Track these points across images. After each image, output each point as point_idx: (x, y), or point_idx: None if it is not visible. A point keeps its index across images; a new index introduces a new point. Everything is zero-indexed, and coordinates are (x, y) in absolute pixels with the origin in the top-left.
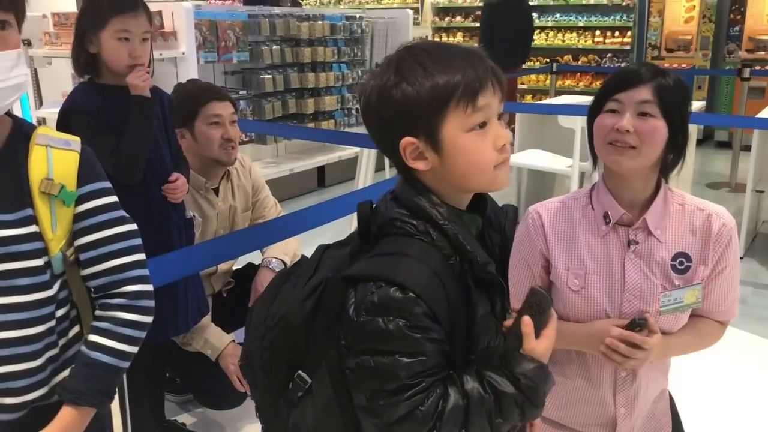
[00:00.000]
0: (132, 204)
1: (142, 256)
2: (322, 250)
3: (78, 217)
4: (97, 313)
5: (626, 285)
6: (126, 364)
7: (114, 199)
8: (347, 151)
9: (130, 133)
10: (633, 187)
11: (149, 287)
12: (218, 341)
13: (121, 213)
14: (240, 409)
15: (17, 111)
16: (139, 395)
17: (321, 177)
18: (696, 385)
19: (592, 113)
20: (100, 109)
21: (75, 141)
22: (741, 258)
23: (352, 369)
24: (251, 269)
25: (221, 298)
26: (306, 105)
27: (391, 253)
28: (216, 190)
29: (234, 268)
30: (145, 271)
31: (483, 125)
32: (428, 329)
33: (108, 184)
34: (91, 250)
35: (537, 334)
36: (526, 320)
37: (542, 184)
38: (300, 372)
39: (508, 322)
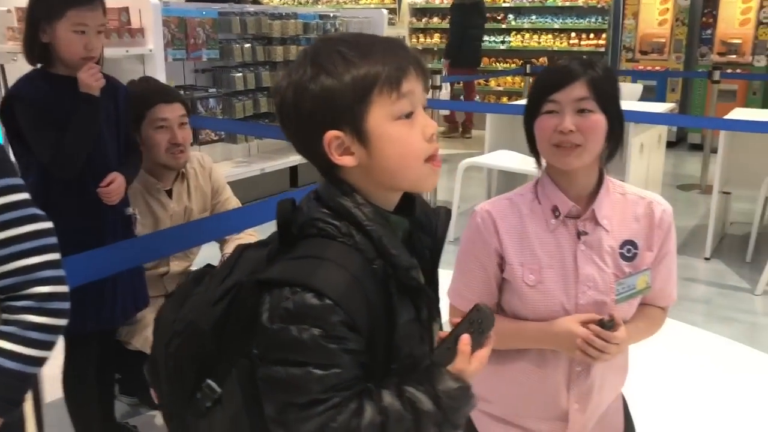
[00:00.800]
0: (66, 198)
1: (55, 256)
2: (241, 249)
3: None
4: (4, 316)
5: (580, 276)
6: (35, 370)
7: (25, 196)
8: None
9: (73, 129)
10: (579, 182)
11: (63, 288)
12: None
13: (33, 211)
14: None
15: None
16: (87, 397)
17: (294, 177)
18: (659, 386)
19: (529, 115)
20: (47, 99)
21: None
22: (707, 259)
23: (263, 379)
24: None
25: None
26: None
27: (310, 256)
28: (169, 192)
29: (192, 269)
30: (58, 272)
31: (409, 115)
32: (345, 339)
33: (19, 181)
34: None
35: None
36: (465, 339)
37: (512, 184)
38: (209, 381)
39: (443, 333)
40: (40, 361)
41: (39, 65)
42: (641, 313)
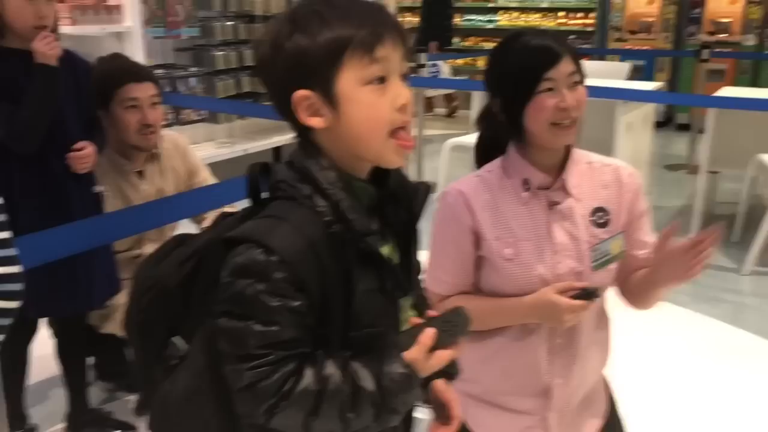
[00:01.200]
0: (27, 175)
1: (5, 234)
2: (222, 217)
3: None
4: None
5: (556, 246)
6: None
7: None
8: None
9: (30, 102)
10: (551, 154)
11: (15, 268)
12: None
13: None
14: None
15: None
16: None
17: (277, 158)
18: (644, 366)
19: (520, 99)
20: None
21: None
22: None
23: (213, 331)
24: None
25: None
26: (260, 83)
27: (271, 216)
28: (141, 173)
29: None
30: (9, 251)
31: (382, 80)
32: (288, 298)
33: None
34: None
35: (431, 350)
36: (430, 332)
37: None
38: (174, 339)
39: (416, 320)
40: None
41: None
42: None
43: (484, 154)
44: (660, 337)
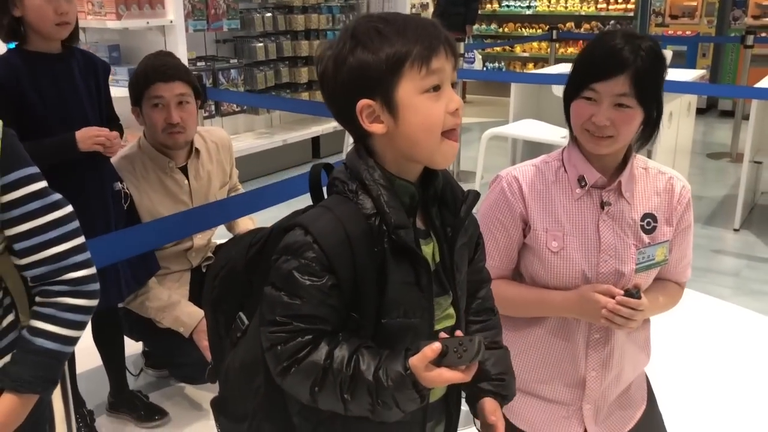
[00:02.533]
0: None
1: (80, 240)
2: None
3: (6, 207)
4: (39, 299)
5: (602, 245)
6: (71, 349)
7: (43, 184)
8: None
9: (40, 150)
10: (606, 157)
11: (92, 270)
12: (189, 318)
13: (54, 198)
14: (215, 386)
15: None
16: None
17: (316, 148)
18: (685, 360)
19: (568, 94)
20: (20, 79)
21: None
22: (736, 230)
23: None
24: None
25: (200, 273)
26: (299, 74)
27: (322, 206)
28: (185, 169)
29: (218, 242)
30: (85, 255)
31: (437, 88)
32: (315, 277)
33: (35, 170)
34: (25, 239)
35: (436, 365)
36: (436, 347)
37: (537, 154)
38: (240, 314)
39: (458, 332)
40: (74, 341)
41: (13, 44)
42: (661, 287)
43: None
44: (701, 331)
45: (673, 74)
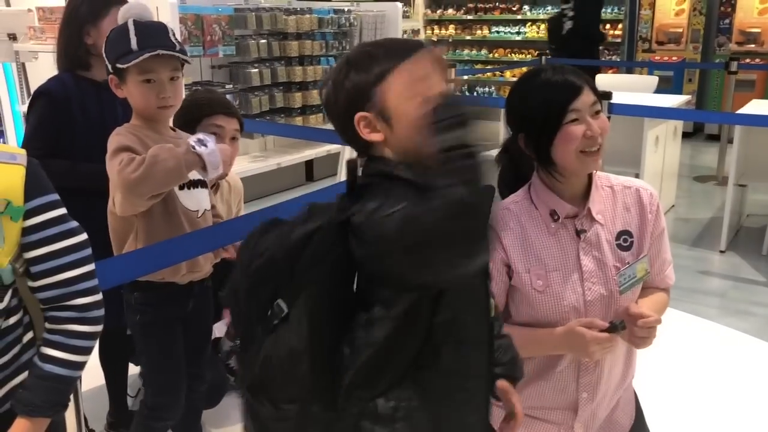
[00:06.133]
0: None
1: (90, 267)
2: (308, 207)
3: (27, 231)
4: (48, 325)
5: (584, 274)
6: (79, 373)
7: (63, 211)
8: (336, 145)
9: (70, 170)
10: (576, 183)
11: (98, 297)
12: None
13: (71, 225)
14: (217, 409)
15: (5, 105)
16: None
17: (309, 171)
18: (671, 380)
19: (548, 133)
20: (69, 95)
21: (21, 154)
22: (722, 252)
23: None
24: None
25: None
26: (293, 99)
27: (387, 189)
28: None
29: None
30: (93, 282)
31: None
32: None
33: (56, 197)
34: (41, 263)
35: None
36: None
37: None
38: (279, 301)
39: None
40: (82, 366)
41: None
42: (648, 298)
43: (507, 186)
44: (687, 351)
45: (660, 99)
